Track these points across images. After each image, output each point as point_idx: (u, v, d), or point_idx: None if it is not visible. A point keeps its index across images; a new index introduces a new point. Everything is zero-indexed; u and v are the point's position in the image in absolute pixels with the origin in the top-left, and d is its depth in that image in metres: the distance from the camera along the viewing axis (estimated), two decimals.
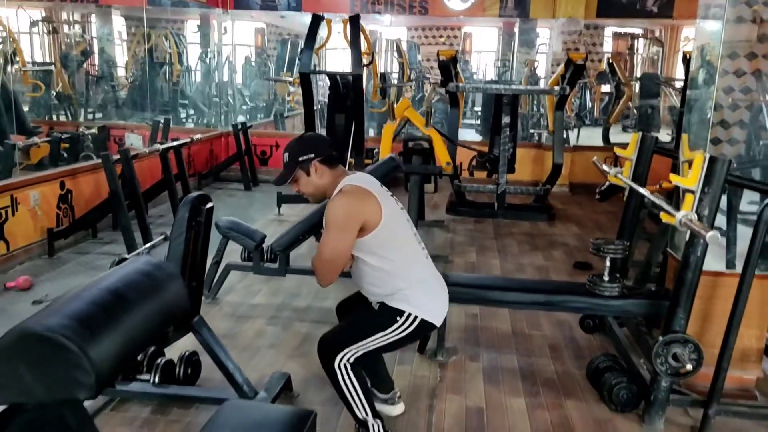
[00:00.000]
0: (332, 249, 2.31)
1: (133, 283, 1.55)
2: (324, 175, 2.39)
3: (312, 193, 2.43)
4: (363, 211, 2.31)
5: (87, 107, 9.59)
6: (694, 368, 2.62)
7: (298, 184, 2.42)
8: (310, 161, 2.36)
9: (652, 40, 12.67)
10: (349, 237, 2.30)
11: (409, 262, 2.44)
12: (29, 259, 4.69)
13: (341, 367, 2.35)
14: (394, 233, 2.40)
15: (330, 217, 2.30)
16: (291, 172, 2.38)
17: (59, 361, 1.30)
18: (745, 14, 2.84)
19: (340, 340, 2.39)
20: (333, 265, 2.33)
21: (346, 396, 2.38)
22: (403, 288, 2.39)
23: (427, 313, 2.41)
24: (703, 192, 2.57)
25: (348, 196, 2.33)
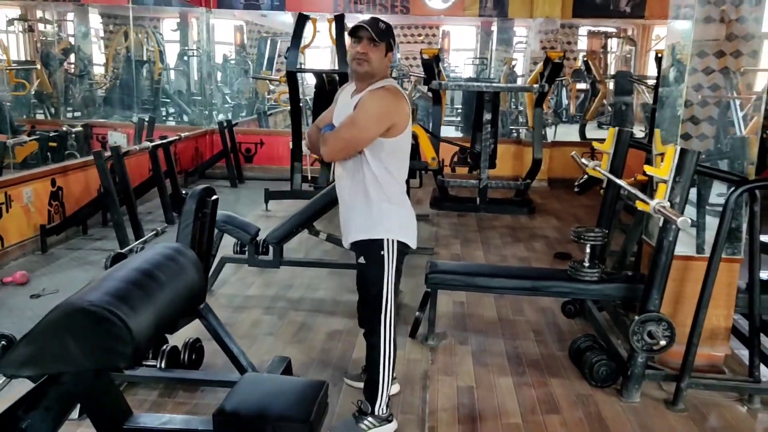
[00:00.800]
0: (356, 131, 2.37)
1: (162, 265, 1.70)
2: (388, 66, 2.47)
3: (373, 65, 2.41)
4: (398, 114, 2.40)
5: (67, 106, 9.58)
6: (667, 344, 2.83)
7: (375, 49, 2.40)
8: (391, 48, 2.45)
9: (625, 39, 13.00)
10: (376, 129, 2.36)
11: (401, 177, 2.55)
12: (23, 255, 4.76)
13: (386, 329, 2.54)
14: (405, 148, 2.53)
15: (370, 105, 2.36)
16: (384, 38, 2.41)
17: (102, 332, 1.45)
18: (713, 14, 3.04)
19: (372, 306, 2.55)
20: (348, 144, 2.39)
21: (379, 359, 2.55)
22: (385, 200, 2.48)
23: (401, 235, 2.53)
24: (674, 181, 2.78)
25: (393, 94, 2.41)
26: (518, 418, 2.78)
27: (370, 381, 2.62)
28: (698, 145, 3.14)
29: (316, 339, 3.53)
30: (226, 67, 11.64)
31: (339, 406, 2.81)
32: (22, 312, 3.78)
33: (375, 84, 2.44)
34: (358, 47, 2.40)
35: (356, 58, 2.41)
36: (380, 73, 2.46)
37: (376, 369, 2.58)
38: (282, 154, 8.41)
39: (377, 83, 2.44)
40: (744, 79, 3.09)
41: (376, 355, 2.57)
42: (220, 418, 1.64)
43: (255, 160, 8.71)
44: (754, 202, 2.83)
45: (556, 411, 2.85)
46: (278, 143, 8.64)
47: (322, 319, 3.79)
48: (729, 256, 3.10)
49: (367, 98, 2.39)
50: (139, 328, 1.49)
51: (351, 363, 3.23)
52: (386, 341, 2.56)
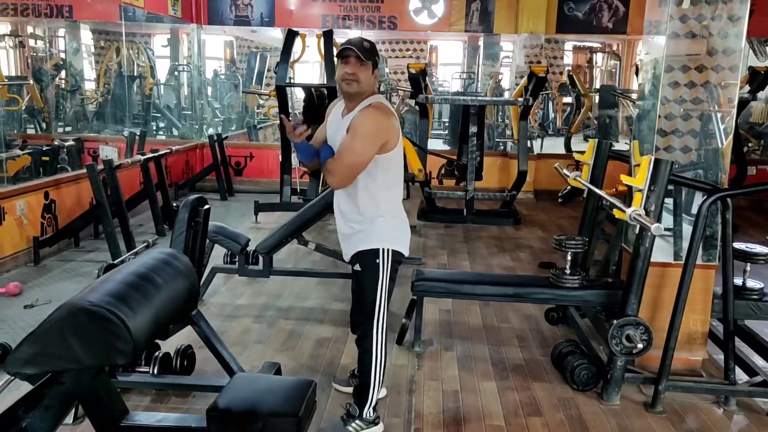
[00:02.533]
0: (357, 156, 2.46)
1: (158, 269, 1.79)
2: (374, 82, 2.56)
3: (361, 84, 2.50)
4: (389, 131, 2.50)
5: (58, 120, 9.63)
6: (645, 347, 2.94)
7: (363, 69, 2.49)
8: (377, 65, 2.55)
9: (609, 54, 13.26)
10: (374, 147, 2.46)
11: (396, 191, 2.65)
12: (16, 267, 4.81)
13: (378, 335, 2.62)
14: (398, 162, 2.63)
15: (363, 126, 2.45)
16: (370, 57, 2.50)
17: (103, 331, 1.53)
18: (680, 30, 3.19)
19: (365, 312, 2.64)
20: (352, 169, 2.48)
21: (371, 364, 2.63)
22: (380, 214, 2.58)
23: (395, 244, 2.62)
24: (650, 190, 2.90)
25: (382, 112, 2.50)
26: (501, 420, 2.87)
27: (361, 384, 2.70)
28: (678, 155, 3.27)
29: (304, 346, 3.61)
30: (217, 82, 11.74)
31: (327, 411, 2.88)
32: (14, 322, 3.83)
33: (363, 102, 2.53)
34: (347, 68, 2.49)
35: (345, 78, 2.50)
36: (368, 90, 2.55)
37: (367, 373, 2.65)
38: (271, 167, 8.50)
39: (365, 101, 2.54)
40: (715, 92, 3.23)
41: (368, 359, 2.65)
42: (214, 414, 1.72)
43: (245, 173, 8.80)
44: (726, 210, 2.96)
45: (538, 413, 2.94)
46: (268, 156, 8.73)
47: (311, 327, 3.87)
48: (705, 263, 3.22)
49: (359, 120, 2.48)
50: (138, 327, 1.58)
51: (339, 369, 3.31)
52: (378, 347, 2.64)
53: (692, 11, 3.17)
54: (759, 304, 3.22)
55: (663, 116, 3.21)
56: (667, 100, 3.19)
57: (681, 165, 3.22)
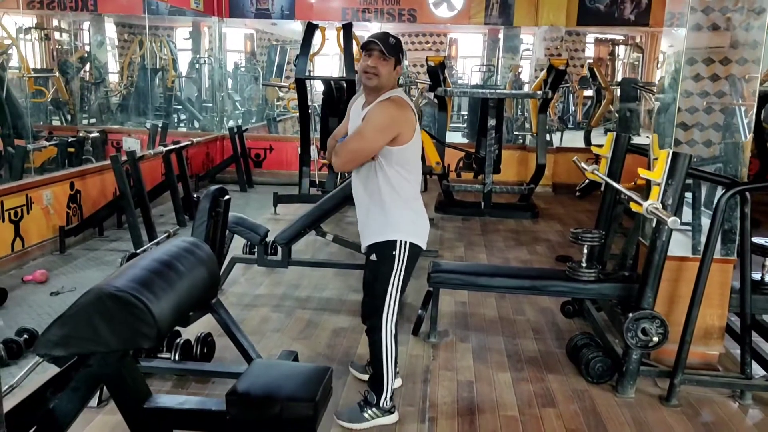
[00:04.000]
0: (363, 143, 2.51)
1: (180, 257, 1.85)
2: (395, 77, 2.60)
3: (382, 78, 2.54)
4: (403, 124, 2.53)
5: (83, 112, 9.80)
6: (661, 341, 2.95)
7: (384, 63, 2.54)
8: (400, 62, 2.59)
9: (632, 46, 13.10)
10: (382, 139, 2.50)
11: (413, 182, 2.68)
12: (42, 255, 4.93)
13: (387, 328, 2.65)
14: (415, 154, 2.65)
15: (375, 116, 2.50)
16: (393, 53, 2.54)
17: (128, 315, 1.59)
18: (703, 22, 3.17)
19: (376, 304, 2.67)
20: (356, 155, 2.54)
21: (382, 357, 2.67)
22: (399, 203, 2.61)
23: (413, 236, 2.65)
24: (667, 183, 2.90)
25: (397, 105, 2.53)
26: (515, 411, 2.90)
27: (375, 375, 2.74)
28: (693, 150, 3.26)
29: (321, 335, 3.66)
30: (237, 75, 11.84)
31: (342, 398, 2.94)
32: (41, 308, 3.94)
33: (382, 96, 2.57)
34: (369, 60, 2.53)
35: (366, 71, 2.54)
36: (388, 85, 2.59)
37: (379, 365, 2.70)
38: (291, 160, 8.57)
39: (385, 95, 2.57)
40: (739, 84, 3.21)
41: (378, 351, 2.69)
42: (233, 398, 1.78)
43: (264, 165, 8.88)
44: (744, 204, 2.95)
45: (553, 405, 2.96)
46: (287, 149, 8.80)
47: (328, 317, 3.92)
48: (723, 257, 3.21)
49: (373, 110, 2.53)
50: (161, 312, 1.64)
51: (355, 357, 3.36)
52: (387, 338, 2.68)
53: (715, 3, 3.15)
54: None
55: (684, 109, 3.20)
56: (688, 93, 3.17)
57: (702, 159, 3.21)
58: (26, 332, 3.34)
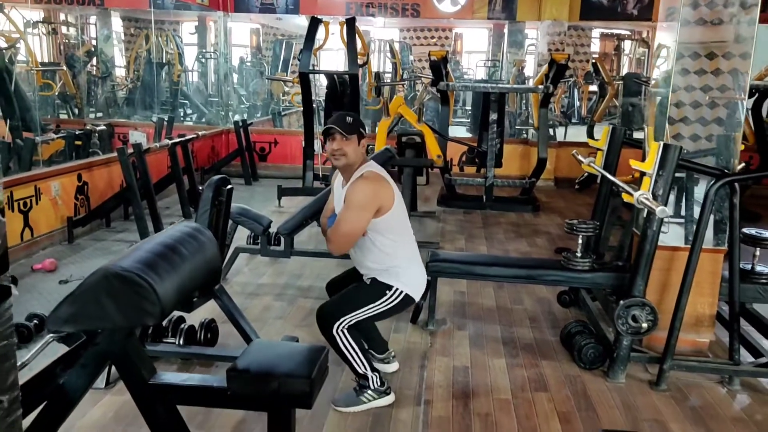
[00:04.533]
0: (352, 225, 2.70)
1: (183, 241, 1.94)
2: (362, 151, 2.79)
3: (349, 157, 2.74)
4: (381, 197, 2.72)
5: (90, 106, 9.92)
6: (650, 328, 3.03)
7: (348, 143, 2.72)
8: (363, 136, 2.77)
9: (638, 41, 13.11)
10: (367, 217, 2.69)
11: (406, 243, 2.87)
12: (51, 245, 5.05)
13: (338, 333, 2.72)
14: (400, 218, 2.83)
15: (354, 197, 2.69)
16: (354, 131, 2.72)
17: (134, 294, 1.69)
18: (697, 17, 3.23)
19: (336, 310, 2.75)
20: (349, 238, 2.74)
21: (346, 356, 2.76)
22: (396, 265, 2.80)
23: (411, 289, 2.83)
24: (658, 174, 2.98)
25: (371, 182, 2.72)
26: (509, 394, 2.99)
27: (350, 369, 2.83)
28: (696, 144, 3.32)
29: None
30: (242, 69, 11.94)
31: (342, 382, 3.03)
32: (50, 295, 4.05)
33: (356, 173, 2.76)
34: (333, 144, 2.73)
35: (333, 154, 2.75)
36: (357, 161, 2.78)
37: (343, 357, 2.76)
38: (295, 153, 8.66)
39: (357, 172, 2.76)
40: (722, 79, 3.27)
41: (334, 346, 2.72)
42: (233, 374, 1.87)
43: (269, 159, 8.98)
44: (733, 195, 3.02)
45: (545, 389, 3.05)
46: (291, 142, 8.90)
47: None
48: (714, 247, 3.29)
49: (351, 193, 2.72)
50: (164, 292, 1.73)
51: None
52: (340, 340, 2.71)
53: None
54: (767, 287, 3.28)
55: (674, 103, 3.27)
56: (680, 87, 3.24)
57: (699, 152, 3.28)
58: (36, 317, 3.45)
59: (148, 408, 1.96)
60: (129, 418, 2.66)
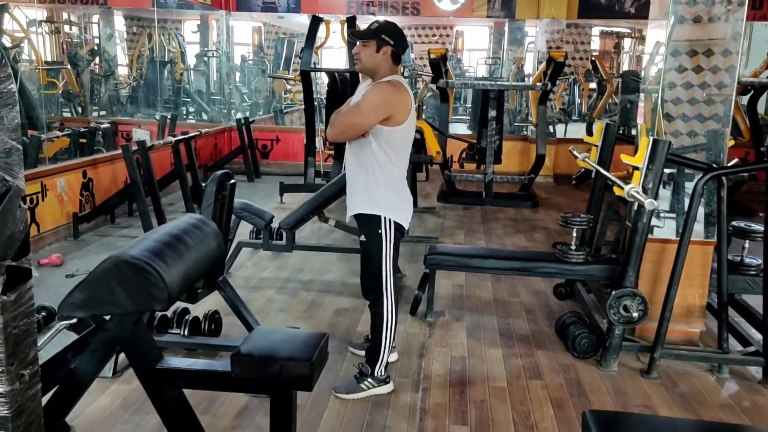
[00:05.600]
0: (357, 117, 2.70)
1: (189, 232, 2.04)
2: (386, 62, 2.76)
3: (367, 63, 2.74)
4: (397, 106, 2.71)
5: (93, 104, 10.02)
6: (641, 317, 3.12)
7: (363, 48, 2.74)
8: (386, 43, 2.74)
9: (638, 39, 13.17)
10: (375, 117, 2.68)
11: (398, 167, 2.84)
12: (57, 241, 5.15)
13: (388, 297, 2.85)
14: (406, 140, 2.84)
15: (371, 94, 2.70)
16: (370, 37, 2.72)
17: (142, 280, 1.78)
18: (687, 15, 3.31)
19: (373, 276, 2.86)
20: (349, 128, 2.75)
21: (383, 325, 2.86)
22: (381, 184, 2.77)
23: (395, 214, 2.83)
24: (648, 169, 3.06)
25: (394, 88, 2.72)
26: (504, 382, 3.09)
27: (373, 346, 2.93)
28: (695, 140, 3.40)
29: (324, 315, 3.85)
30: (245, 67, 12.04)
31: (343, 370, 3.13)
32: (57, 289, 4.14)
33: (382, 79, 2.76)
34: (354, 50, 2.81)
35: (354, 59, 2.82)
36: (378, 68, 2.76)
37: (379, 335, 2.89)
38: (297, 150, 8.76)
39: (384, 78, 2.76)
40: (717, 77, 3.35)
41: (379, 322, 2.88)
42: (237, 358, 1.96)
43: (271, 156, 9.08)
44: (720, 188, 3.10)
45: (539, 377, 3.14)
46: (293, 140, 8.99)
47: (331, 299, 4.11)
48: (704, 240, 3.37)
49: (371, 89, 2.74)
50: (171, 279, 1.82)
51: (355, 335, 3.54)
52: (389, 309, 2.87)
53: None
54: (755, 279, 3.36)
55: (663, 100, 3.35)
56: (672, 84, 3.32)
57: (688, 147, 3.36)
58: (44, 310, 3.53)
59: (155, 392, 2.05)
60: (136, 405, 2.75)
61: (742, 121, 7.15)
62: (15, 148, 1.18)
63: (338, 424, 2.70)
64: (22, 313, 1.25)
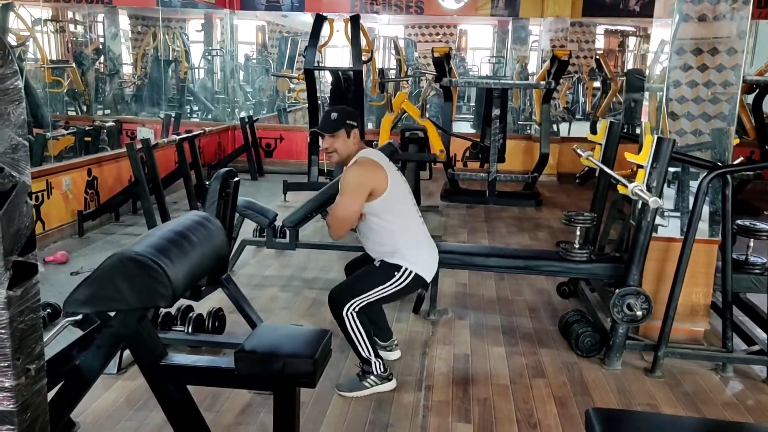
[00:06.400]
0: (344, 209, 2.83)
1: (193, 229, 2.05)
2: (354, 142, 2.89)
3: (340, 152, 2.88)
4: (372, 180, 2.81)
5: (98, 103, 10.05)
6: (645, 316, 3.11)
7: (335, 140, 2.86)
8: (353, 127, 2.87)
9: (643, 37, 13.13)
10: (358, 200, 2.80)
11: (408, 225, 2.94)
12: (62, 238, 5.17)
13: (348, 315, 2.83)
14: (398, 200, 2.90)
15: (345, 183, 2.82)
16: (339, 127, 2.84)
17: (147, 277, 1.79)
18: (692, 14, 3.30)
19: (347, 293, 2.87)
20: (344, 222, 2.86)
21: (352, 339, 2.86)
22: (401, 246, 2.88)
23: (420, 269, 2.90)
24: (652, 167, 3.06)
25: (362, 167, 2.83)
26: (507, 380, 3.09)
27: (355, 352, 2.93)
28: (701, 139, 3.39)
29: (327, 313, 3.77)
30: (248, 66, 12.04)
31: (346, 368, 3.13)
32: (62, 287, 4.15)
33: (351, 161, 2.88)
34: (323, 143, 2.90)
35: (326, 152, 2.91)
36: (352, 152, 2.90)
37: (349, 340, 2.88)
38: (300, 149, 8.77)
39: (353, 159, 2.88)
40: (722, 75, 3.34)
41: (343, 329, 2.85)
42: (240, 355, 1.97)
43: (275, 155, 9.09)
44: (725, 186, 3.10)
45: (543, 375, 3.14)
46: (297, 138, 9.00)
47: None
48: (708, 238, 3.37)
49: (342, 178, 2.86)
50: (175, 275, 1.83)
51: None
52: (349, 321, 2.83)
53: None
54: (760, 278, 3.35)
55: (674, 99, 3.34)
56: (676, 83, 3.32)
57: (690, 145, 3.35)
58: (50, 306, 3.55)
59: (159, 388, 2.06)
60: (140, 402, 2.77)
61: (747, 119, 7.14)
62: (21, 144, 1.19)
63: (341, 421, 2.70)
64: (28, 308, 1.26)
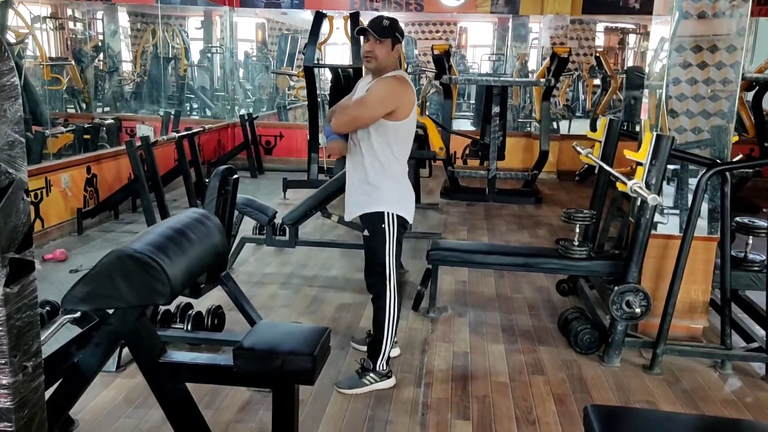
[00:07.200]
0: (363, 110, 2.72)
1: (192, 226, 2.05)
2: (395, 58, 2.79)
3: (379, 61, 2.74)
4: (402, 99, 2.73)
5: (97, 100, 10.03)
6: (644, 313, 3.11)
7: (377, 46, 2.73)
8: (398, 41, 2.77)
9: (643, 35, 13.12)
10: (381, 109, 2.70)
11: (401, 161, 2.86)
12: (61, 236, 5.17)
13: (391, 296, 2.87)
14: (407, 136, 2.85)
15: (377, 88, 2.72)
16: (388, 35, 2.73)
17: (145, 274, 1.79)
18: (692, 11, 3.30)
19: (378, 275, 2.88)
20: (355, 120, 2.76)
21: (384, 325, 2.88)
22: (383, 186, 2.80)
23: (399, 209, 2.85)
24: (651, 164, 3.06)
25: (399, 82, 2.75)
26: (506, 377, 3.09)
27: (375, 340, 2.94)
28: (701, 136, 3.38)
29: (326, 310, 3.86)
30: (248, 64, 12.03)
31: (345, 365, 3.13)
32: (61, 285, 4.15)
33: (387, 74, 2.78)
34: (366, 46, 2.74)
35: (365, 56, 2.77)
36: (389, 66, 2.79)
37: (381, 329, 2.90)
38: (300, 147, 8.77)
39: (388, 74, 2.78)
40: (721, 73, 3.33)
41: (381, 316, 2.90)
42: (239, 352, 1.97)
43: (274, 152, 9.09)
44: (724, 184, 3.09)
45: (542, 372, 3.14)
46: (297, 136, 9.00)
47: (333, 294, 4.12)
48: (707, 235, 3.36)
49: (376, 83, 2.75)
50: (174, 273, 1.83)
51: (358, 330, 3.55)
52: (392, 304, 2.89)
53: None
54: (759, 275, 3.35)
55: (673, 96, 3.34)
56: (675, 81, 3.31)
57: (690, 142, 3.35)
58: (48, 304, 3.55)
59: (158, 386, 2.06)
60: (139, 399, 2.77)
61: (746, 117, 7.14)
62: (18, 140, 1.19)
63: (341, 418, 2.70)
64: (25, 305, 1.25)
